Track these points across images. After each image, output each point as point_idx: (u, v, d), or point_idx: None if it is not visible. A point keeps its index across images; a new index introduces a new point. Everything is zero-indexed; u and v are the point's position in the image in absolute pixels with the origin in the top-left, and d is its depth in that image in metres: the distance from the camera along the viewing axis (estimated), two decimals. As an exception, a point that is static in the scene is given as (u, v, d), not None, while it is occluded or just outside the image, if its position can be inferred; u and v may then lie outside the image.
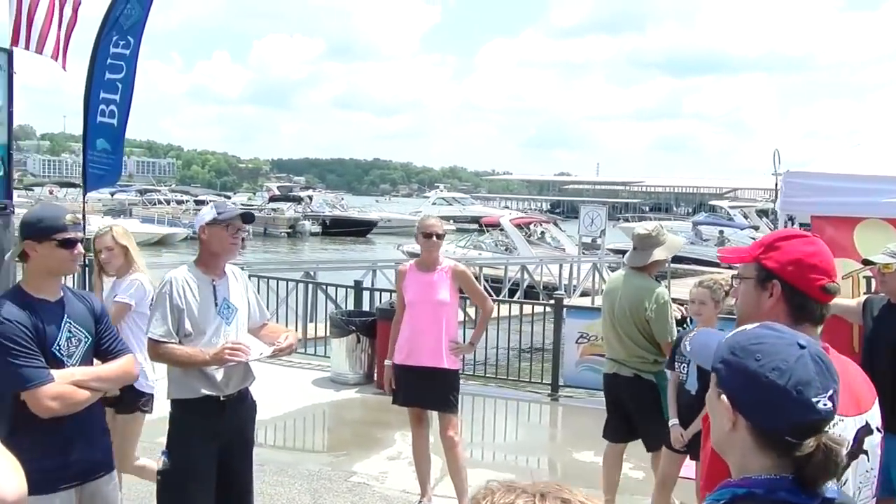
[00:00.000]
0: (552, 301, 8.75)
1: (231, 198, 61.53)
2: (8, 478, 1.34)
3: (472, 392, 7.84)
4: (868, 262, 3.87)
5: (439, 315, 4.74)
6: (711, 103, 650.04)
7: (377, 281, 12.52)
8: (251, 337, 3.48)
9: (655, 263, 4.66)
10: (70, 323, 2.75)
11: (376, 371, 7.87)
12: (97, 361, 2.84)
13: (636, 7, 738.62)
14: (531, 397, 8.09)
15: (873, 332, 3.81)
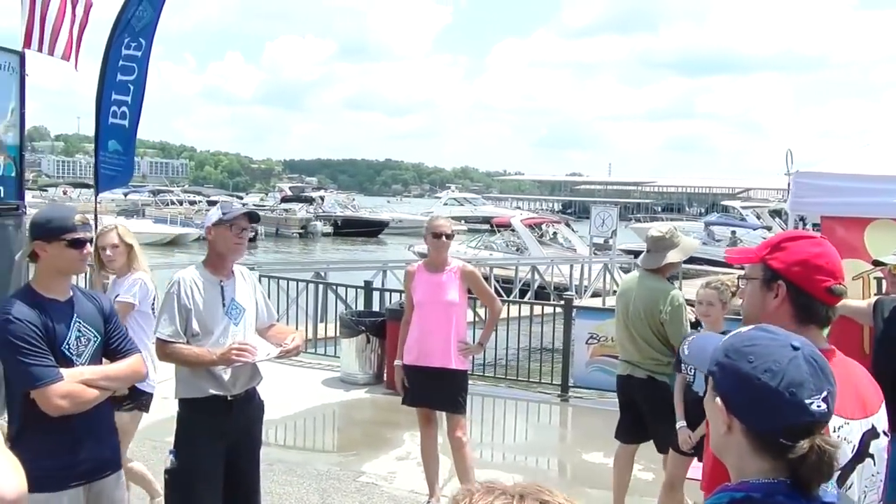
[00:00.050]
0: (562, 301, 8.74)
1: (243, 198, 61.77)
2: (8, 477, 1.35)
3: (482, 392, 7.84)
4: (878, 263, 3.84)
5: (448, 315, 4.74)
6: (724, 103, 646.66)
7: (387, 281, 12.53)
8: (258, 338, 3.49)
9: (669, 266, 4.64)
10: (79, 322, 2.78)
11: (386, 371, 7.88)
12: (106, 361, 2.86)
13: (648, 7, 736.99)
14: (541, 398, 8.08)
15: (884, 334, 3.78)
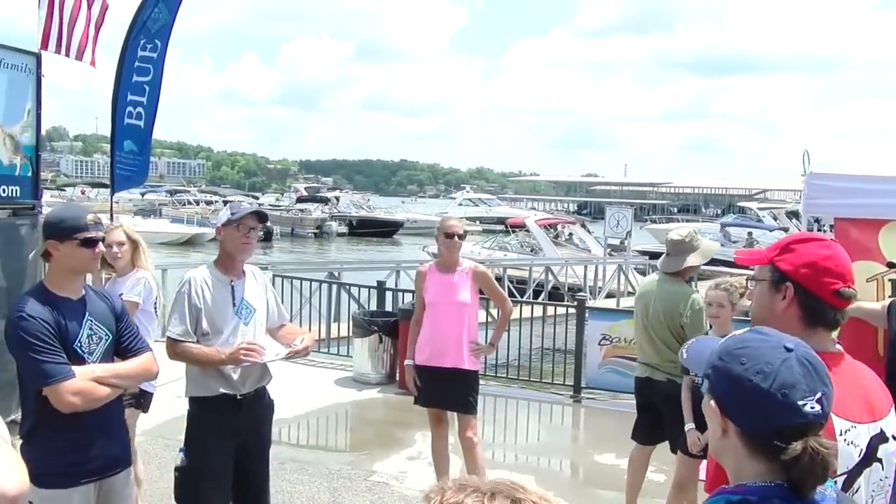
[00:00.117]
0: (575, 302, 8.72)
1: (259, 198, 62.12)
2: (10, 473, 1.36)
3: (495, 393, 7.84)
4: (893, 265, 3.81)
5: (460, 316, 4.74)
6: (740, 103, 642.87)
7: (400, 281, 12.55)
8: (268, 338, 3.51)
9: (689, 269, 4.62)
10: (91, 321, 2.80)
11: (398, 371, 7.89)
12: (117, 359, 2.89)
13: (664, 7, 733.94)
14: (553, 399, 8.06)
15: (898, 337, 3.75)
